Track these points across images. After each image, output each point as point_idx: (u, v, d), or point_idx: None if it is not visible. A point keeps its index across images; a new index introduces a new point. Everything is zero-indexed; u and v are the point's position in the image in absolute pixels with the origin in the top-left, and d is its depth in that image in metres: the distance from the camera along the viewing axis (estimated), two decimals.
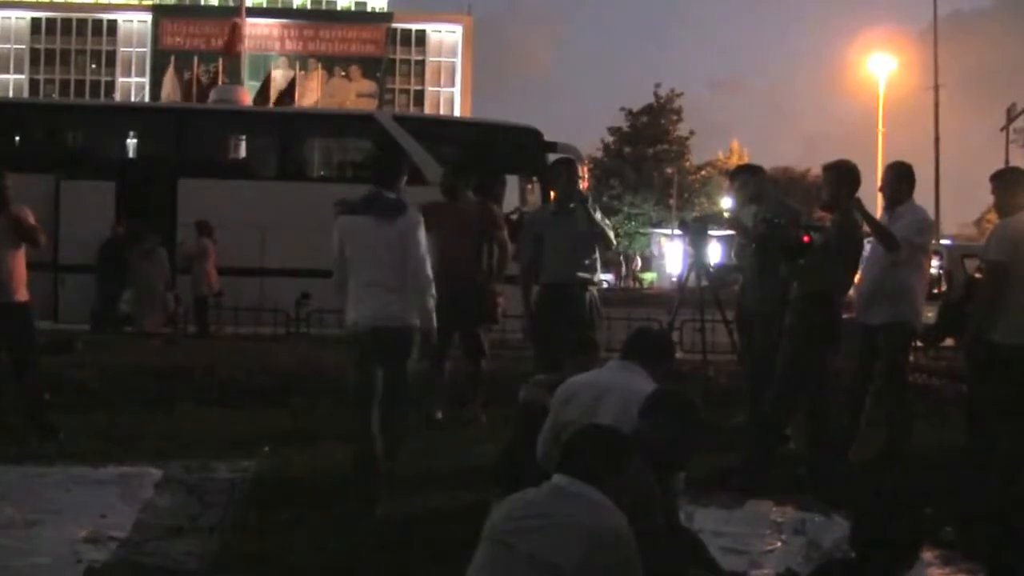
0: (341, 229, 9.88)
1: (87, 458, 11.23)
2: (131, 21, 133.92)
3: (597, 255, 12.75)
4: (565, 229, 12.47)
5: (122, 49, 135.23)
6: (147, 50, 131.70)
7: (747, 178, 13.27)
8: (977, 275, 14.34)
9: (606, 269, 14.68)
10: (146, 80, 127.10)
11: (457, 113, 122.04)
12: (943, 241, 31.42)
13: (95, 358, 17.17)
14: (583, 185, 13.20)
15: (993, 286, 10.29)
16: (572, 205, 12.61)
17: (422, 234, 9.78)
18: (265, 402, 14.44)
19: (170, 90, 52.02)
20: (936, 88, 62.92)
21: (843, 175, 11.30)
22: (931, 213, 13.04)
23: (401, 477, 10.54)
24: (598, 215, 12.83)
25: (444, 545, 7.78)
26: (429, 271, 9.85)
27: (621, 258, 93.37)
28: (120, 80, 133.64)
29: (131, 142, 30.54)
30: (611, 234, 12.94)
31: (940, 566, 8.18)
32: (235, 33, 45.97)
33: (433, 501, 9.85)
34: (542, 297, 12.61)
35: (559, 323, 12.14)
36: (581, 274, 12.48)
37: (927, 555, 8.14)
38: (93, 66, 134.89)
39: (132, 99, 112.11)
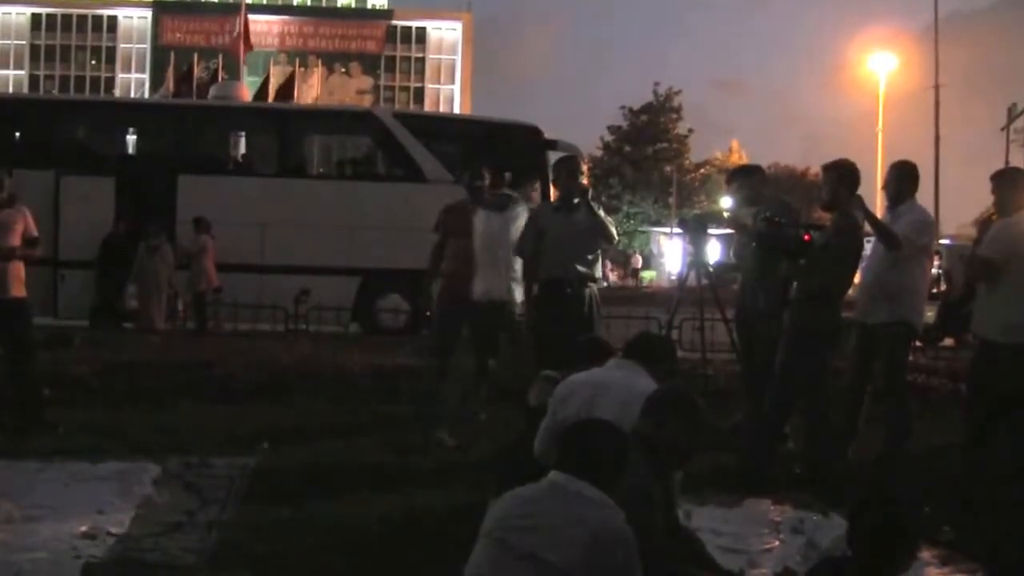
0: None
1: (85, 454, 11.21)
2: (131, 17, 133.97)
3: (599, 253, 12.78)
4: (567, 225, 12.47)
5: (122, 45, 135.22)
6: (147, 46, 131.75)
7: (743, 180, 13.26)
8: None
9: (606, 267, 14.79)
10: (146, 76, 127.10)
11: (457, 111, 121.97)
12: (942, 241, 31.44)
13: (93, 354, 17.17)
14: (584, 181, 13.17)
15: (975, 279, 10.30)
16: (575, 201, 12.62)
17: None
18: (264, 398, 14.44)
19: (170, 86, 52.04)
20: (936, 87, 62.97)
21: (843, 174, 11.29)
22: (931, 213, 13.00)
23: (399, 473, 10.60)
24: (601, 211, 12.85)
25: (442, 542, 7.79)
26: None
27: (632, 256, 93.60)
28: (120, 76, 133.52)
29: (131, 138, 30.54)
30: (613, 229, 12.94)
31: (938, 566, 8.18)
32: (244, 30, 45.91)
33: (431, 498, 9.85)
34: (542, 293, 12.61)
35: (560, 319, 12.17)
36: (582, 269, 12.49)
37: (925, 554, 8.14)
38: (93, 62, 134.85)
39: (132, 95, 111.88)
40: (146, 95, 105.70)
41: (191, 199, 26.04)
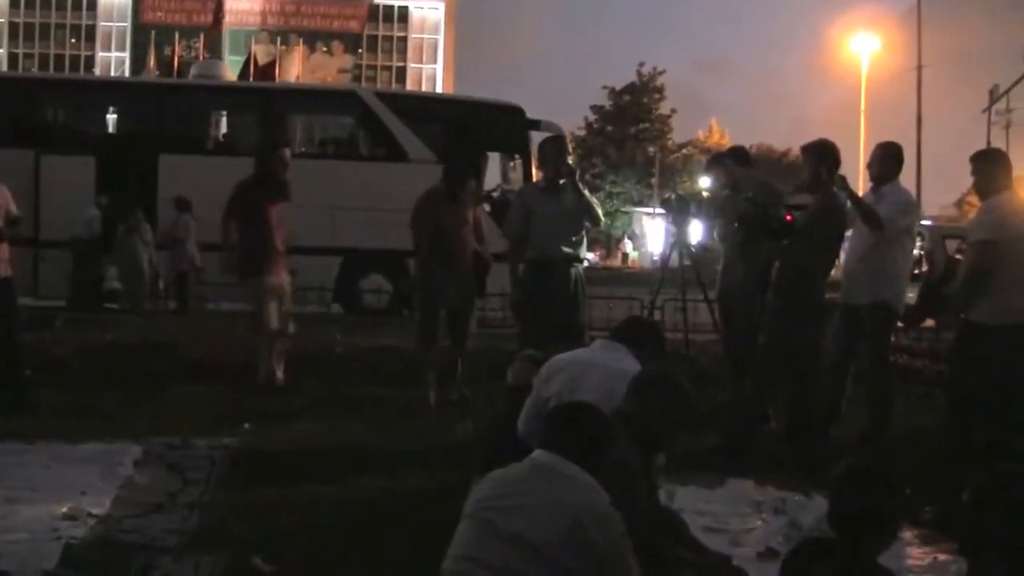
0: None
1: (67, 435, 11.15)
2: None
3: (584, 233, 12.78)
4: (554, 205, 12.48)
5: (102, 24, 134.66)
6: (127, 25, 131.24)
7: (720, 167, 13.26)
8: (958, 256, 14.31)
9: (590, 248, 14.84)
10: (127, 55, 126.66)
11: (439, 91, 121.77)
12: (924, 222, 31.45)
13: (75, 335, 17.13)
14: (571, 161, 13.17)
15: (982, 265, 10.26)
16: (562, 181, 12.62)
17: None
18: (246, 379, 14.40)
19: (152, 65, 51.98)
20: (919, 69, 63.01)
21: (823, 155, 11.30)
22: (914, 194, 13.02)
23: (382, 453, 10.59)
24: (587, 192, 12.87)
25: (426, 523, 7.77)
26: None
27: (620, 241, 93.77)
28: (100, 55, 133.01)
29: (111, 118, 30.43)
30: (599, 210, 12.96)
31: (920, 546, 8.20)
32: (220, 11, 45.92)
33: (415, 479, 9.84)
34: (528, 273, 12.62)
35: (545, 299, 12.20)
36: (567, 249, 12.50)
37: (907, 535, 8.17)
38: (73, 40, 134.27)
39: (112, 74, 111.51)
40: (126, 74, 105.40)
41: (172, 179, 25.99)
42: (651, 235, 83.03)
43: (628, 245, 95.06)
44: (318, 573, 7.50)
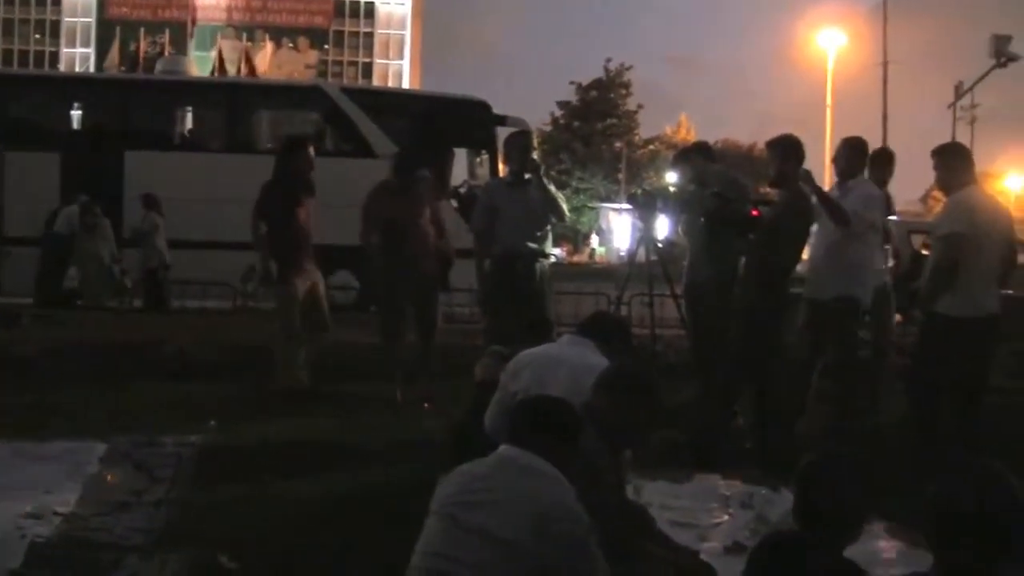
0: None
1: (32, 433, 11.11)
2: None
3: (549, 228, 12.80)
4: (520, 200, 12.50)
5: (67, 19, 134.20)
6: (92, 20, 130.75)
7: (686, 163, 13.27)
8: (924, 251, 14.32)
9: (556, 244, 14.90)
10: (91, 51, 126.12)
11: (405, 86, 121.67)
12: (890, 217, 31.50)
13: (42, 332, 17.06)
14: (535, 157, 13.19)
15: (949, 259, 10.28)
16: (527, 176, 12.64)
17: None
18: (212, 376, 14.36)
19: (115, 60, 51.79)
20: (885, 64, 63.29)
21: (788, 149, 11.32)
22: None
23: (349, 450, 10.58)
24: (552, 187, 12.90)
25: (393, 519, 7.76)
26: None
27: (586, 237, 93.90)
28: (64, 51, 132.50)
29: (76, 114, 30.29)
30: (564, 205, 12.99)
31: (887, 538, 8.23)
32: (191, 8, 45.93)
33: (381, 475, 9.84)
34: (494, 268, 12.64)
35: (510, 294, 12.22)
36: (533, 245, 12.52)
37: (874, 527, 8.18)
38: (37, 36, 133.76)
39: (77, 70, 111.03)
40: (91, 70, 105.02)
41: (138, 175, 25.88)
42: (618, 231, 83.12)
43: (595, 240, 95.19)
44: (285, 571, 7.48)
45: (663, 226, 15.32)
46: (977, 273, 10.15)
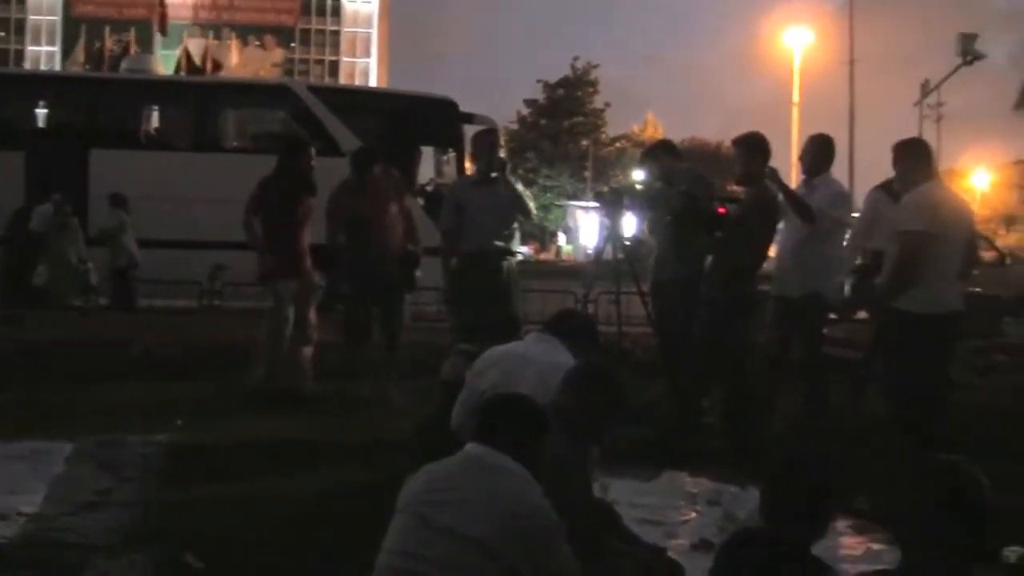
0: None
1: None
2: None
3: (516, 226, 12.81)
4: (487, 199, 12.51)
5: (32, 17, 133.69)
6: (58, 18, 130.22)
7: (652, 160, 13.27)
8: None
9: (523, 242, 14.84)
10: (57, 49, 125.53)
11: (372, 84, 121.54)
12: (856, 215, 31.64)
13: (7, 331, 16.99)
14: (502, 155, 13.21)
15: (912, 255, 10.28)
16: (494, 175, 12.65)
17: None
18: (179, 375, 14.32)
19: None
20: (851, 63, 63.43)
21: (754, 147, 11.36)
22: (846, 186, 13.08)
23: (315, 449, 10.56)
24: (519, 186, 12.91)
25: (360, 517, 7.75)
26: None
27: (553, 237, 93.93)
28: (30, 48, 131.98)
29: (41, 112, 30.17)
30: (531, 204, 13.00)
31: (853, 535, 8.27)
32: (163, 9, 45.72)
33: (348, 474, 9.84)
34: (461, 266, 12.64)
35: (478, 293, 12.22)
36: (500, 243, 12.53)
37: (841, 524, 8.22)
38: (2, 34, 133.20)
39: (42, 68, 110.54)
40: (57, 68, 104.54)
41: (103, 173, 25.78)
42: (585, 229, 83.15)
43: (562, 238, 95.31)
44: (252, 570, 7.47)
45: (630, 224, 15.34)
46: (939, 270, 10.16)
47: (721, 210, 11.67)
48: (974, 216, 11.47)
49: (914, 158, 10.62)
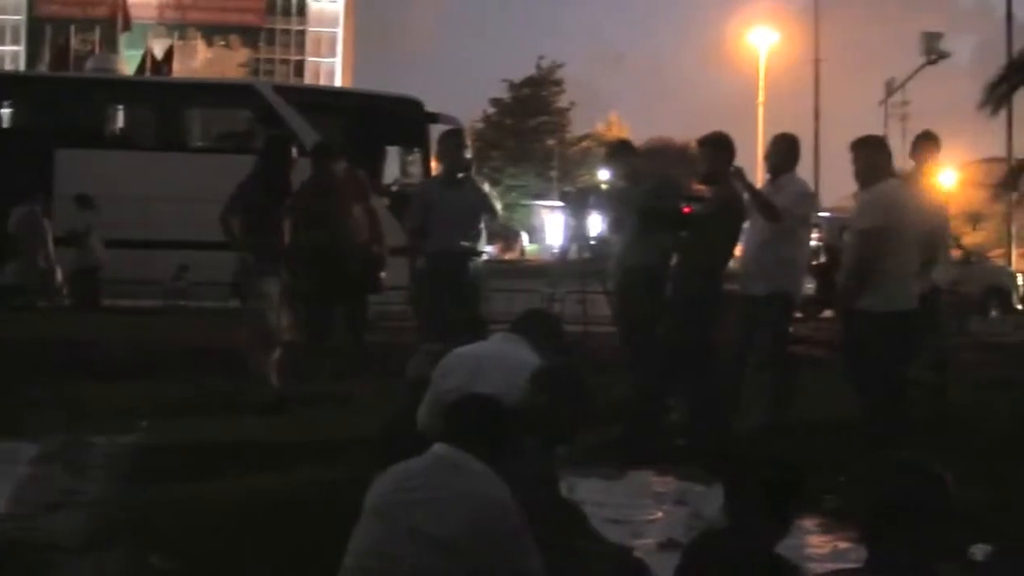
0: None
1: None
2: None
3: (482, 226, 12.82)
4: (453, 199, 12.54)
5: None
6: (22, 18, 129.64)
7: (618, 159, 13.28)
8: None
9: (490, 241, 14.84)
10: (22, 49, 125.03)
11: (338, 84, 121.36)
12: (822, 214, 31.81)
13: None
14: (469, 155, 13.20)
15: (870, 253, 10.32)
16: (460, 175, 12.67)
17: None
18: (144, 375, 14.27)
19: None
20: (816, 62, 63.72)
21: (719, 147, 11.42)
22: (811, 185, 13.14)
23: (281, 449, 10.54)
24: (486, 186, 12.93)
25: (326, 518, 7.72)
26: None
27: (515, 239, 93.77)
28: None
29: (6, 112, 30.04)
30: (497, 203, 13.02)
31: (820, 534, 8.28)
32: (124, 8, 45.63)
33: (314, 474, 9.80)
34: (427, 266, 12.66)
35: (444, 292, 12.23)
36: (466, 243, 12.56)
37: (807, 523, 8.25)
38: None
39: (6, 68, 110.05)
40: (22, 68, 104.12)
41: (69, 173, 25.67)
42: (551, 228, 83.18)
43: (524, 238, 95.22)
44: (217, 570, 7.45)
45: (596, 224, 15.37)
46: (896, 267, 10.21)
47: (686, 209, 11.70)
48: (932, 210, 11.53)
49: (872, 155, 10.66)
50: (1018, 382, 14.22)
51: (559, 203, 24.96)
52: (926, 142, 12.70)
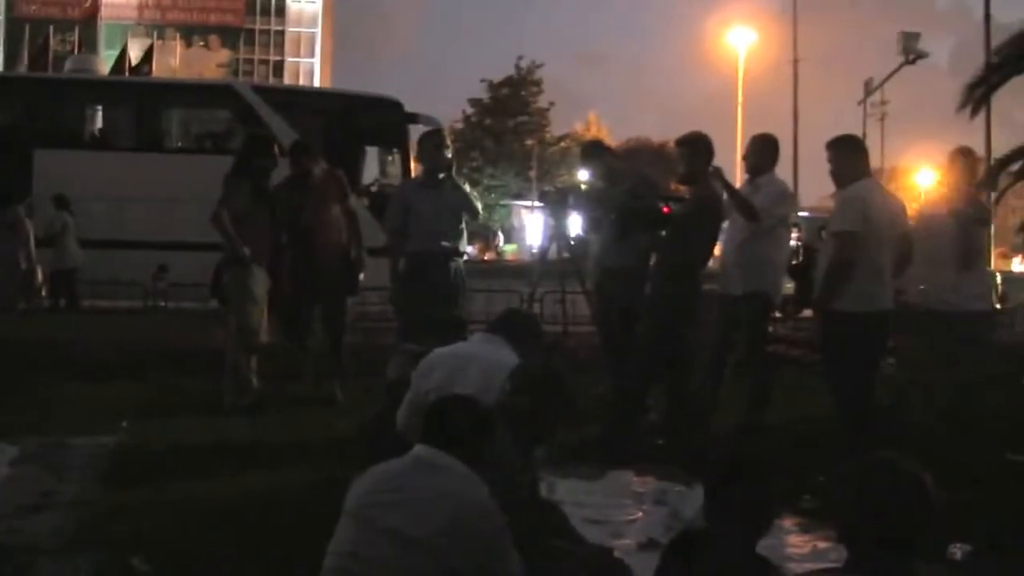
0: None
1: None
2: None
3: (463, 226, 12.81)
4: (433, 199, 12.52)
5: None
6: (1, 18, 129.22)
7: (596, 159, 13.29)
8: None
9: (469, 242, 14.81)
10: None
11: (317, 84, 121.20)
12: (801, 214, 31.87)
13: None
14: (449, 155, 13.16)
15: (846, 254, 10.33)
16: (441, 176, 12.67)
17: None
18: (123, 376, 14.24)
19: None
20: (795, 63, 63.86)
21: (698, 147, 11.43)
22: (790, 185, 13.17)
23: (261, 449, 10.53)
24: (466, 186, 12.93)
25: (307, 519, 7.73)
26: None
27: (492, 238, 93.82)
28: None
29: None
30: (477, 203, 13.03)
31: (799, 534, 8.28)
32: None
33: (294, 475, 9.79)
34: (407, 266, 12.64)
35: (424, 293, 12.23)
36: (446, 244, 12.55)
37: (786, 523, 8.25)
38: None
39: None
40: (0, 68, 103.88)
41: (47, 174, 25.63)
42: (530, 228, 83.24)
43: (500, 238, 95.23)
44: (198, 571, 7.44)
45: (575, 224, 15.39)
46: (871, 268, 10.22)
47: (665, 209, 11.71)
48: (906, 211, 11.55)
49: (848, 155, 10.66)
50: (1002, 380, 14.22)
51: (538, 203, 24.97)
52: (965, 158, 12.51)
